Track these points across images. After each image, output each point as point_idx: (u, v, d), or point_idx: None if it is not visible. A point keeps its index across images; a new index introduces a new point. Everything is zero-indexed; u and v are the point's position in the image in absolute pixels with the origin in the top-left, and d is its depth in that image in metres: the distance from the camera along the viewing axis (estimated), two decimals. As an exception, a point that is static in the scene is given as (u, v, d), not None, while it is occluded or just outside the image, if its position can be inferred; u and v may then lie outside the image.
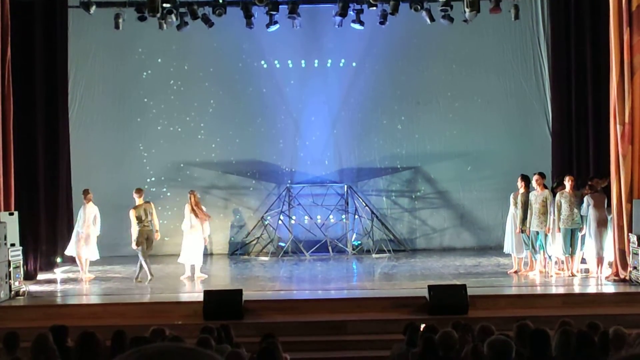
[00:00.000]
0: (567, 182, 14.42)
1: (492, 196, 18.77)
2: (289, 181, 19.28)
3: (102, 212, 17.17)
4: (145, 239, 14.89)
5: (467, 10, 15.59)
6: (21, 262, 13.88)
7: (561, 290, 13.54)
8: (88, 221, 15.34)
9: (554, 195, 14.46)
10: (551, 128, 18.39)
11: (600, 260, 14.24)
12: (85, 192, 15.57)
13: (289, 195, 18.93)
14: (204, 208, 15.44)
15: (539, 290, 13.82)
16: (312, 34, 18.96)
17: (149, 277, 14.65)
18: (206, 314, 11.83)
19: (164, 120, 19.31)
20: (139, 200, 15.09)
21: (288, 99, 19.41)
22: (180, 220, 15.89)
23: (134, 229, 14.85)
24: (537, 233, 14.50)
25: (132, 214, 14.92)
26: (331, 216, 18.96)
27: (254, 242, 18.95)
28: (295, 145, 19.50)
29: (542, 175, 14.68)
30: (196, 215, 15.07)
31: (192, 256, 15.07)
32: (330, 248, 18.48)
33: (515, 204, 14.91)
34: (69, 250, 15.58)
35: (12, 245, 13.55)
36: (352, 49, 19.12)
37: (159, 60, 19.28)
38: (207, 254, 15.68)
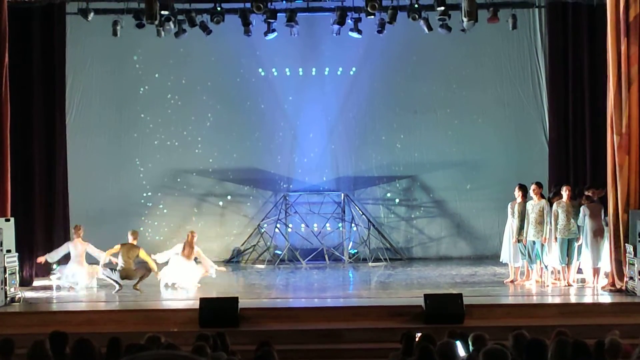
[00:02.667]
0: (564, 192, 14.42)
1: (489, 205, 18.76)
2: (286, 189, 19.28)
3: (99, 219, 17.23)
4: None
5: (464, 19, 15.59)
6: (17, 268, 13.83)
7: (557, 300, 13.51)
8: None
9: (551, 205, 14.46)
10: (548, 137, 18.38)
11: (596, 271, 14.23)
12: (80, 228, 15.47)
13: (286, 203, 18.93)
14: (195, 248, 15.36)
15: (535, 299, 13.79)
16: (310, 42, 18.97)
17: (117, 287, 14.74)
18: (202, 322, 11.81)
19: (161, 134, 19.28)
20: (131, 240, 15.09)
21: (285, 107, 19.41)
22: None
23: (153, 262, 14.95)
24: (534, 242, 14.49)
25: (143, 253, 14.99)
26: (328, 224, 18.95)
27: (251, 249, 18.93)
28: (293, 153, 19.50)
29: (539, 185, 14.69)
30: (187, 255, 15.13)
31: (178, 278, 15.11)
32: (326, 256, 18.46)
33: (513, 213, 14.91)
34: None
35: (8, 251, 13.52)
36: (350, 57, 19.14)
37: (157, 75, 19.25)
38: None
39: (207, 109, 19.38)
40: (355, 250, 18.82)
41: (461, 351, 7.55)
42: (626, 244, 13.44)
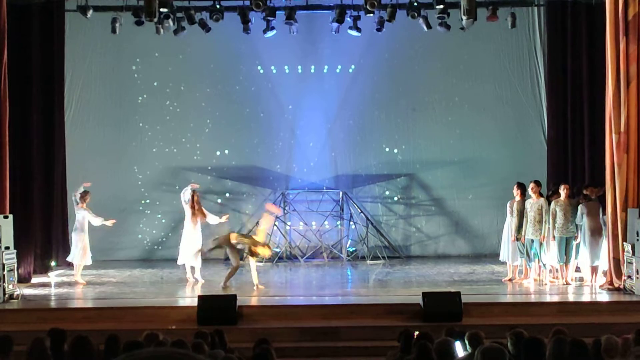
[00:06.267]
0: (562, 191, 14.44)
1: (487, 203, 18.77)
2: (285, 187, 19.28)
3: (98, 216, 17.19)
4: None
5: (464, 17, 15.59)
6: (15, 265, 13.84)
7: (555, 299, 13.53)
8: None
9: (549, 203, 14.47)
10: (547, 136, 18.41)
11: (594, 269, 14.25)
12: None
13: (285, 201, 18.92)
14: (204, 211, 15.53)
15: (533, 298, 13.81)
16: (309, 40, 18.97)
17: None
18: (200, 319, 11.81)
19: (160, 141, 19.26)
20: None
21: (284, 105, 19.41)
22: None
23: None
24: (532, 241, 14.50)
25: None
26: (326, 222, 18.95)
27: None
28: (291, 151, 19.50)
29: (537, 184, 14.70)
30: (194, 214, 15.21)
31: (187, 256, 15.14)
32: (325, 254, 18.47)
33: (512, 212, 14.91)
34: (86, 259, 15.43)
35: (7, 248, 13.51)
36: (349, 55, 19.14)
37: (155, 83, 19.23)
38: (202, 259, 15.60)
39: (205, 115, 19.36)
40: (354, 248, 18.83)
41: (460, 350, 7.55)
42: (624, 243, 13.45)
